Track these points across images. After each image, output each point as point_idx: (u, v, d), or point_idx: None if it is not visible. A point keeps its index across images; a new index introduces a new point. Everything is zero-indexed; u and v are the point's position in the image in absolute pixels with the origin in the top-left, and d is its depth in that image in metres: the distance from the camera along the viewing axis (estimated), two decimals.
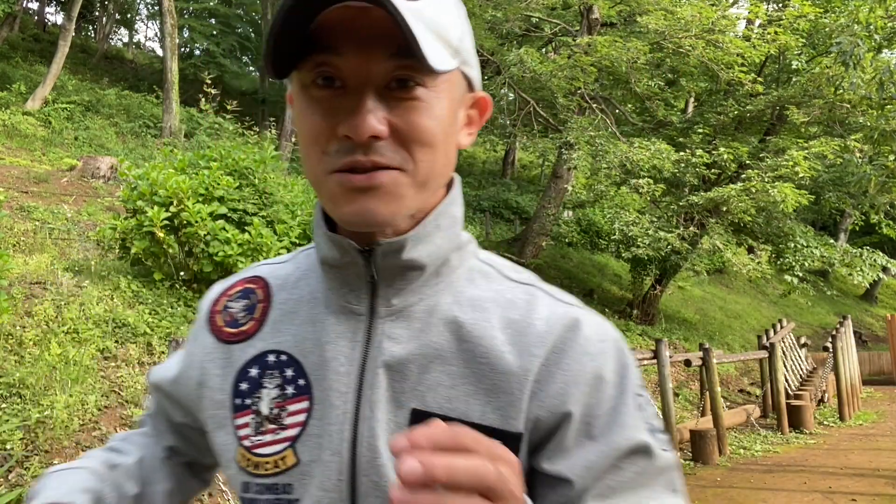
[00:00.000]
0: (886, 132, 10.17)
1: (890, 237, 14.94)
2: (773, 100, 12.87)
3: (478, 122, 0.73)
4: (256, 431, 0.71)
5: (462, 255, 0.73)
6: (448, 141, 0.66)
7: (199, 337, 0.80)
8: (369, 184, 0.61)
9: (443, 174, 0.68)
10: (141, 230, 5.78)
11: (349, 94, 0.60)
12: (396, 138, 0.61)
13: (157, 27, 34.40)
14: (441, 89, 0.63)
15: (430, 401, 0.66)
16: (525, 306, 0.69)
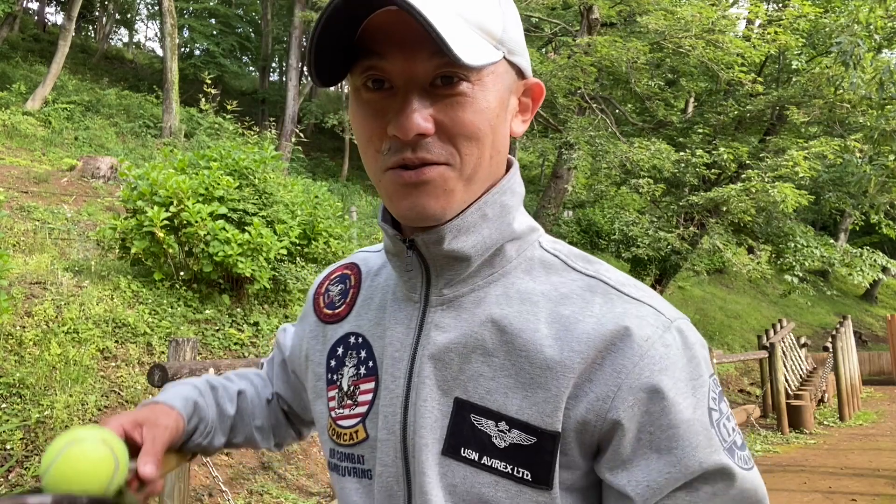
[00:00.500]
0: (886, 132, 10.16)
1: (890, 237, 14.94)
2: (773, 100, 12.87)
3: (532, 109, 0.73)
4: (339, 405, 0.79)
5: (521, 244, 0.72)
6: (496, 132, 0.66)
7: (307, 316, 0.92)
8: (418, 179, 0.63)
9: (492, 166, 0.68)
10: (141, 230, 5.79)
11: (396, 95, 0.63)
12: (443, 134, 0.63)
13: (157, 27, 34.42)
14: (486, 82, 0.64)
15: (471, 391, 0.67)
16: (580, 301, 0.67)
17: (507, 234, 0.70)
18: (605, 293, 0.67)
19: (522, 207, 0.74)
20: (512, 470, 0.63)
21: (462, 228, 0.67)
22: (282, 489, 5.19)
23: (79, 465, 0.65)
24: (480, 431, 0.65)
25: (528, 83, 0.72)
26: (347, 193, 17.61)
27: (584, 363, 0.63)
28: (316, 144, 21.80)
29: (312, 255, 7.31)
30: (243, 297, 6.80)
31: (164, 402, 0.84)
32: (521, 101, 0.72)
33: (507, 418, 0.64)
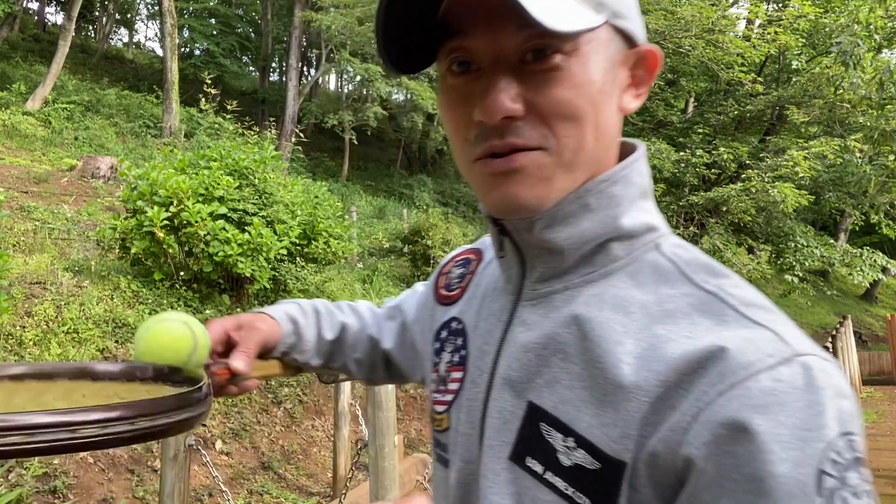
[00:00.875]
0: (886, 132, 10.17)
1: (890, 237, 14.94)
2: (773, 100, 12.88)
3: (647, 81, 0.64)
4: (436, 388, 0.76)
5: (631, 244, 0.62)
6: (599, 110, 0.58)
7: (428, 293, 0.89)
8: (508, 167, 0.57)
9: (598, 149, 0.60)
10: (141, 230, 5.79)
11: (483, 76, 0.57)
12: (536, 115, 0.56)
13: (157, 27, 34.41)
14: (583, 52, 0.56)
15: (545, 397, 0.60)
16: (684, 322, 0.55)
17: (611, 229, 0.61)
18: (719, 315, 0.54)
19: (645, 202, 0.64)
20: (572, 493, 0.56)
21: (557, 217, 0.60)
22: (282, 489, 5.19)
23: (160, 339, 0.73)
24: (547, 443, 0.59)
25: (641, 51, 0.62)
26: (347, 193, 17.61)
27: (663, 386, 0.52)
28: (316, 144, 21.81)
29: (312, 255, 7.31)
30: (243, 297, 6.80)
31: (266, 312, 0.89)
32: (633, 73, 0.63)
33: (575, 435, 0.57)
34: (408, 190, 20.15)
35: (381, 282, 9.97)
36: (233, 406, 5.72)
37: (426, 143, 20.38)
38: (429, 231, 10.25)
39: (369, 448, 3.37)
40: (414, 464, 5.58)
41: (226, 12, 24.85)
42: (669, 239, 0.64)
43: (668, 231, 0.65)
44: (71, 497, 4.01)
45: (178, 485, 3.43)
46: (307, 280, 7.42)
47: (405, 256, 10.95)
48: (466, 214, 20.15)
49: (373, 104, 18.88)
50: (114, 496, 4.19)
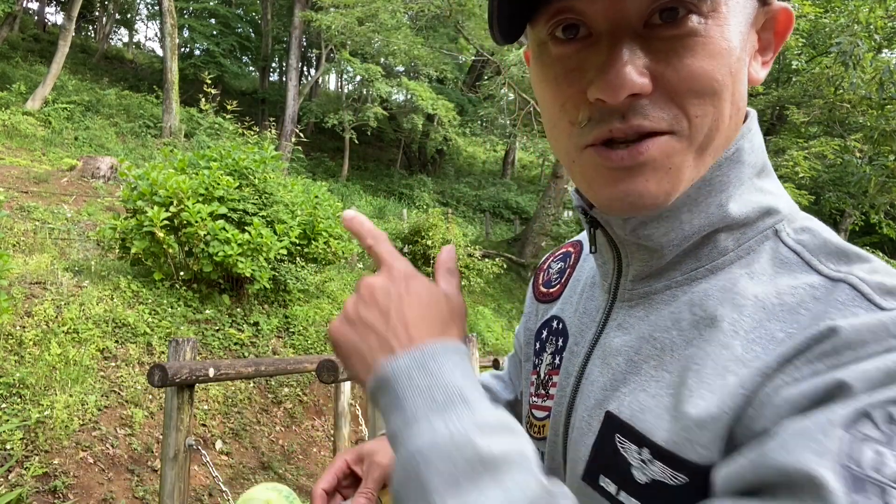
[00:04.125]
0: (886, 132, 10.17)
1: (890, 237, 14.94)
2: (773, 100, 12.89)
3: (775, 47, 0.54)
4: (535, 392, 0.69)
5: (742, 234, 0.53)
6: (737, 81, 0.49)
7: (530, 295, 0.80)
8: (634, 162, 0.48)
9: (730, 128, 0.51)
10: (141, 230, 5.79)
11: (598, 45, 0.47)
12: (665, 92, 0.47)
13: (157, 27, 34.43)
14: (722, 13, 0.47)
15: (625, 406, 0.53)
16: (807, 318, 0.46)
17: (716, 218, 0.52)
18: (847, 304, 0.45)
19: (761, 181, 0.54)
20: None
21: (653, 213, 0.52)
22: None
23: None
24: (622, 457, 0.51)
25: (772, 10, 0.53)
26: (347, 193, 17.61)
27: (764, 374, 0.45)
28: (316, 144, 21.81)
29: (312, 255, 7.31)
30: (243, 297, 6.80)
31: None
32: (762, 36, 0.53)
33: (652, 445, 0.49)
34: (408, 190, 20.15)
35: None
36: (233, 406, 5.72)
37: (426, 143, 20.38)
38: (429, 231, 10.25)
39: None
40: None
41: (226, 12, 24.85)
42: (795, 222, 0.53)
43: (792, 212, 0.54)
44: (71, 497, 4.01)
45: (178, 485, 3.43)
46: (307, 280, 7.42)
47: (405, 256, 10.90)
48: (466, 214, 20.15)
49: (373, 104, 18.88)
50: (114, 496, 4.19)
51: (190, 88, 19.07)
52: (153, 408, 5.02)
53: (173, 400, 3.49)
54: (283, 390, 6.34)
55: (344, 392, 5.57)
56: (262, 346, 6.45)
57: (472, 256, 10.60)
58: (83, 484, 4.14)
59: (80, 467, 4.24)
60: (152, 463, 4.62)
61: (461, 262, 10.32)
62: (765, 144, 0.58)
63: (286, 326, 7.03)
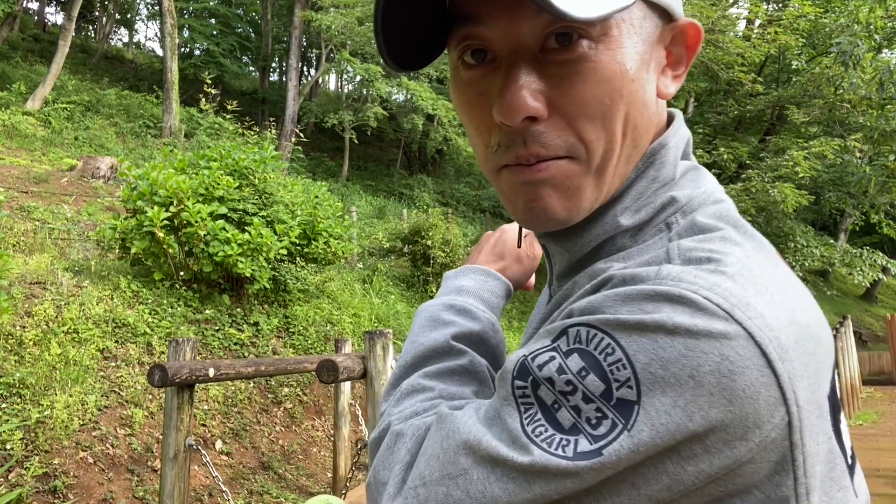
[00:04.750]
0: (886, 132, 10.18)
1: (890, 237, 14.94)
2: (773, 100, 12.89)
3: (686, 60, 0.55)
4: None
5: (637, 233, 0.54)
6: (633, 103, 0.50)
7: None
8: (535, 178, 0.50)
9: (630, 148, 0.52)
10: (141, 230, 5.79)
11: (500, 69, 0.50)
12: (561, 116, 0.49)
13: (157, 27, 34.40)
14: (614, 37, 0.48)
15: None
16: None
17: (610, 228, 0.54)
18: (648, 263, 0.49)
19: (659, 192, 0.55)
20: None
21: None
22: (282, 489, 5.19)
23: None
24: None
25: (679, 26, 0.54)
26: (347, 193, 17.61)
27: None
28: (316, 144, 21.80)
29: (312, 255, 7.31)
30: (243, 297, 6.80)
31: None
32: (671, 51, 0.54)
33: None
34: (408, 190, 20.14)
35: (381, 282, 9.97)
36: (233, 406, 5.72)
37: (426, 143, 20.37)
38: (429, 231, 10.24)
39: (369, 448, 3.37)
40: None
41: (226, 12, 24.85)
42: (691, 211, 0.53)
43: (694, 200, 0.54)
44: (71, 497, 4.01)
45: (178, 485, 3.43)
46: (307, 280, 7.41)
47: (405, 256, 10.94)
48: (466, 214, 20.14)
49: (373, 104, 18.88)
50: (114, 496, 4.19)
51: (190, 88, 19.07)
52: (153, 408, 5.02)
53: (173, 400, 3.49)
54: (283, 390, 6.34)
55: (344, 392, 5.57)
56: (262, 346, 6.45)
57: None
58: (83, 484, 4.14)
59: (80, 467, 4.24)
60: (152, 463, 4.62)
61: (461, 262, 10.33)
62: (765, 144, 0.59)
63: (286, 326, 7.03)
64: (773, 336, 0.41)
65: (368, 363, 3.41)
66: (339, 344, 5.61)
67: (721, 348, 0.40)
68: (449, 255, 10.18)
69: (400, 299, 9.72)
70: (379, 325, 8.39)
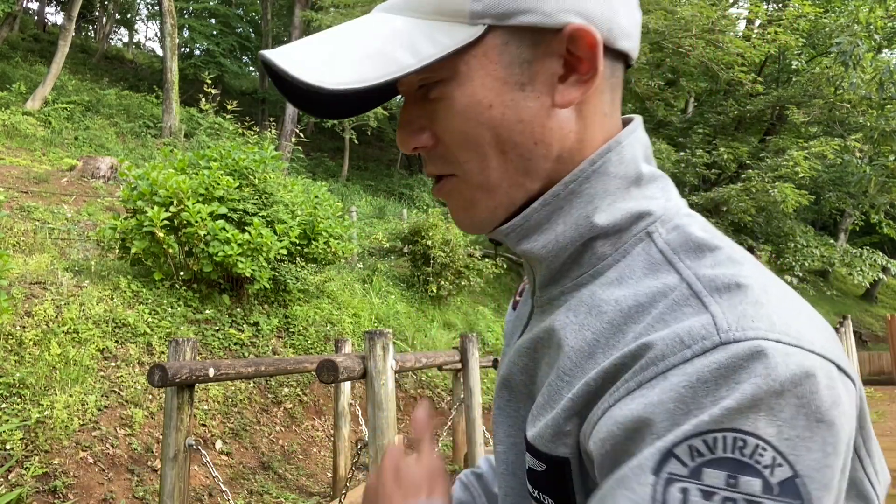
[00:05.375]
0: (886, 132, 10.18)
1: (890, 237, 14.95)
2: (773, 100, 12.89)
3: (588, 62, 0.53)
4: None
5: (618, 239, 0.56)
6: (497, 125, 0.53)
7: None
8: (440, 193, 0.60)
9: (524, 160, 0.55)
10: (141, 230, 5.79)
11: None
12: (441, 142, 0.57)
13: (157, 27, 34.42)
14: (462, 73, 0.53)
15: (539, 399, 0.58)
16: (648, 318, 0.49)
17: (584, 229, 0.56)
18: (680, 304, 0.48)
19: (634, 190, 0.57)
20: (538, 495, 0.57)
21: (527, 227, 0.57)
22: (282, 489, 5.19)
23: None
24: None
25: (567, 32, 0.52)
26: (347, 193, 17.61)
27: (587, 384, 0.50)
28: (316, 144, 21.81)
29: (312, 255, 7.31)
30: (243, 297, 6.80)
31: None
32: (567, 59, 0.54)
33: (526, 440, 0.58)
34: (408, 190, 20.14)
35: (381, 282, 9.97)
36: (233, 406, 5.72)
37: None
38: (429, 231, 10.24)
39: (369, 448, 3.37)
40: None
41: (226, 12, 24.86)
42: (669, 222, 0.56)
43: (668, 212, 0.57)
44: (71, 497, 4.01)
45: (178, 485, 3.43)
46: (307, 280, 7.42)
47: (405, 256, 10.94)
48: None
49: None
50: (114, 496, 4.19)
51: (190, 88, 19.07)
52: (153, 408, 5.02)
53: (173, 400, 3.49)
54: (283, 390, 6.34)
55: (344, 392, 5.57)
56: (262, 346, 6.45)
57: (472, 256, 10.59)
58: (83, 484, 4.14)
59: (80, 467, 4.24)
60: (152, 463, 4.62)
61: (461, 262, 10.32)
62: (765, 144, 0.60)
63: (286, 326, 7.03)
64: (829, 346, 0.45)
65: (368, 363, 3.41)
66: (339, 344, 5.61)
67: (822, 381, 0.42)
68: (449, 255, 10.18)
69: (400, 299, 9.72)
70: (379, 325, 8.39)
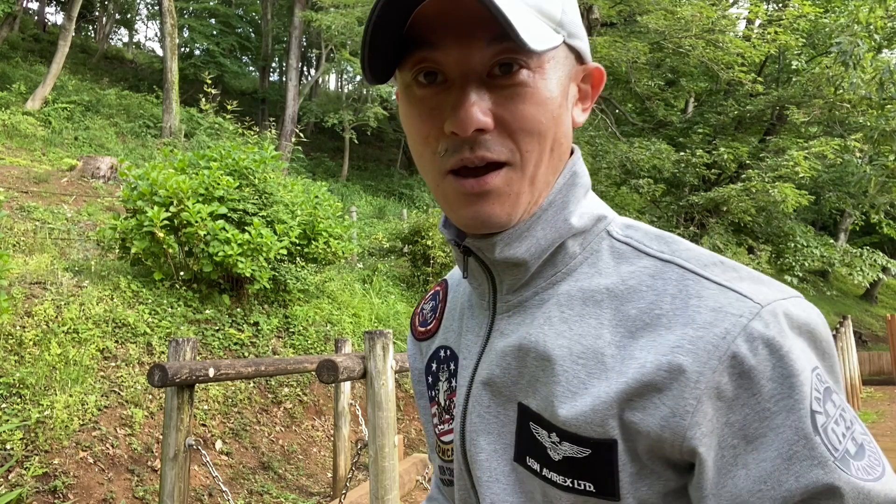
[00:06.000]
0: (886, 132, 10.17)
1: (890, 237, 14.94)
2: (773, 100, 12.88)
3: (592, 96, 0.68)
4: (440, 420, 0.78)
5: (585, 238, 0.66)
6: (559, 124, 0.62)
7: (411, 342, 0.89)
8: (481, 189, 0.60)
9: (552, 160, 0.63)
10: (141, 230, 5.78)
11: (452, 89, 0.59)
12: (503, 129, 0.59)
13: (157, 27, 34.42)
14: (547, 69, 0.60)
15: (530, 396, 0.63)
16: (649, 295, 0.59)
17: (563, 231, 0.64)
18: (679, 280, 0.58)
19: (587, 198, 0.68)
20: (573, 483, 0.59)
21: (514, 234, 0.63)
22: (282, 489, 5.19)
23: None
24: (538, 440, 0.62)
25: (588, 68, 0.67)
26: (347, 193, 17.61)
27: (644, 368, 0.55)
28: (316, 144, 21.81)
29: (312, 255, 7.31)
30: (243, 297, 6.80)
31: None
32: (581, 88, 0.67)
33: (557, 429, 0.59)
34: (408, 190, 20.14)
35: (381, 282, 9.97)
36: (233, 406, 5.72)
37: None
38: (429, 231, 10.24)
39: (369, 448, 3.37)
40: (414, 464, 5.57)
41: (226, 12, 24.85)
42: (617, 222, 0.67)
43: (614, 216, 0.68)
44: (71, 497, 4.01)
45: (178, 485, 3.43)
46: (307, 280, 7.41)
47: (405, 256, 10.94)
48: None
49: (373, 104, 18.88)
50: (114, 496, 4.19)
51: (190, 88, 19.07)
52: (153, 408, 5.02)
53: (173, 400, 3.49)
54: (283, 390, 6.34)
55: (344, 392, 5.57)
56: (262, 346, 6.45)
57: None
58: (83, 484, 4.14)
59: (80, 467, 4.24)
60: (152, 463, 4.62)
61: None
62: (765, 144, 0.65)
63: (286, 326, 7.03)
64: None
65: (368, 363, 3.41)
66: (339, 344, 5.61)
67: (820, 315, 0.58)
68: (449, 255, 10.18)
69: (400, 299, 9.72)
70: (379, 325, 8.39)
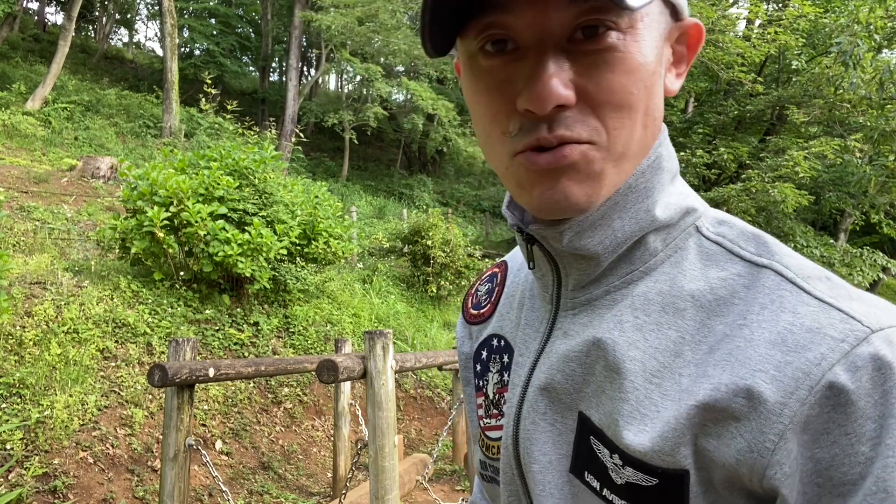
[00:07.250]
0: (886, 132, 10.17)
1: (890, 237, 14.94)
2: (773, 100, 12.89)
3: (687, 59, 0.58)
4: (487, 414, 0.70)
5: (669, 234, 0.56)
6: (652, 95, 0.52)
7: (461, 323, 0.81)
8: (557, 163, 0.50)
9: (646, 138, 0.53)
10: (141, 230, 5.79)
11: (526, 58, 0.49)
12: (587, 103, 0.49)
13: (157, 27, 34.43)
14: (639, 30, 0.50)
15: (593, 407, 0.55)
16: (741, 307, 0.50)
17: (645, 223, 0.55)
18: (773, 289, 0.49)
19: (677, 185, 0.58)
20: None
21: (586, 223, 0.54)
22: (282, 489, 5.19)
23: None
24: (598, 458, 0.54)
25: (685, 25, 0.56)
26: (347, 193, 17.61)
27: (719, 391, 0.47)
28: (316, 144, 21.81)
29: (312, 255, 7.31)
30: (243, 297, 6.80)
31: None
32: (676, 49, 0.56)
33: (621, 452, 0.52)
34: (408, 190, 20.15)
35: (381, 282, 9.97)
36: (233, 406, 5.72)
37: (426, 143, 20.37)
38: (429, 231, 10.24)
39: (369, 448, 3.37)
40: (414, 464, 5.57)
41: (226, 12, 24.85)
42: (708, 216, 0.58)
43: (706, 209, 0.58)
44: (71, 497, 4.01)
45: (178, 485, 3.43)
46: (307, 280, 7.41)
47: (405, 256, 10.94)
48: (466, 214, 20.14)
49: (373, 104, 18.88)
50: (114, 496, 4.19)
51: (190, 88, 19.07)
52: (153, 408, 5.02)
53: (173, 400, 3.49)
54: (283, 390, 6.34)
55: (344, 392, 5.57)
56: (262, 346, 6.45)
57: (472, 256, 10.59)
58: (83, 484, 4.14)
59: (80, 467, 4.24)
60: (152, 463, 4.62)
61: (461, 262, 10.32)
62: (765, 144, 0.60)
63: (286, 326, 7.03)
64: None
65: (368, 363, 3.41)
66: (339, 344, 5.61)
67: None
68: (449, 255, 10.18)
69: (400, 299, 9.72)
70: (379, 325, 8.39)
